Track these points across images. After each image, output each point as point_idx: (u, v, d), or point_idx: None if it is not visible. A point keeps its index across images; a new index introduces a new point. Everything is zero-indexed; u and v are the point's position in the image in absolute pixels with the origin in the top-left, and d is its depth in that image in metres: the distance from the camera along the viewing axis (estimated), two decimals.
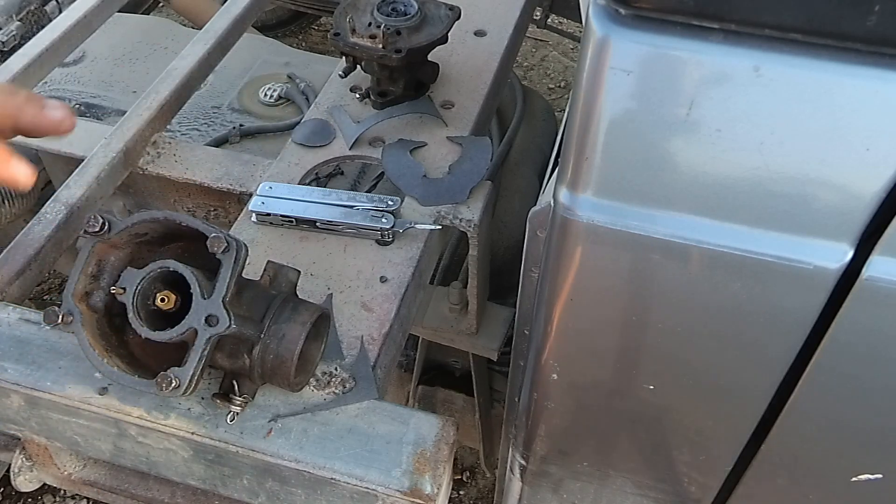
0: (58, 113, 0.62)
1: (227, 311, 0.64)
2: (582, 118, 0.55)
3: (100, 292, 0.68)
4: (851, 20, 0.45)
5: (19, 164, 0.62)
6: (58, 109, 0.63)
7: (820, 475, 0.78)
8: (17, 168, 0.62)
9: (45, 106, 0.62)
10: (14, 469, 0.91)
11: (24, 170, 0.62)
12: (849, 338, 0.60)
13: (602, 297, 0.68)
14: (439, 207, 0.93)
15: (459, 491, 1.94)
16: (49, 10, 1.48)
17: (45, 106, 0.62)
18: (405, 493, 0.69)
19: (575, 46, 2.94)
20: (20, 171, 0.62)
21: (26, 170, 0.62)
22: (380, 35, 0.97)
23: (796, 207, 0.54)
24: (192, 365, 0.64)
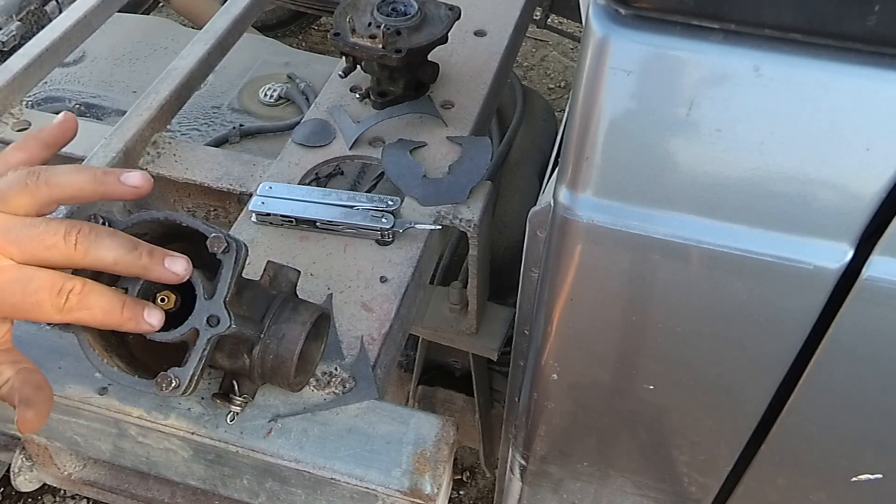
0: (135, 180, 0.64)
1: (228, 312, 0.64)
2: (582, 118, 0.55)
3: None
4: (851, 20, 0.45)
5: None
6: (134, 177, 0.64)
7: (820, 475, 0.78)
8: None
9: (120, 175, 0.64)
10: (14, 469, 0.91)
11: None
12: (849, 338, 0.60)
13: (602, 298, 0.68)
14: (439, 207, 0.93)
15: (459, 491, 1.94)
16: (49, 10, 1.48)
17: (120, 175, 0.64)
18: (405, 493, 0.69)
19: (575, 46, 2.94)
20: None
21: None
22: (380, 35, 0.97)
23: (796, 207, 0.54)
24: (192, 365, 0.64)
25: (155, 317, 0.62)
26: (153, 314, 0.62)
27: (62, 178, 0.61)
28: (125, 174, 0.64)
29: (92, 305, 0.60)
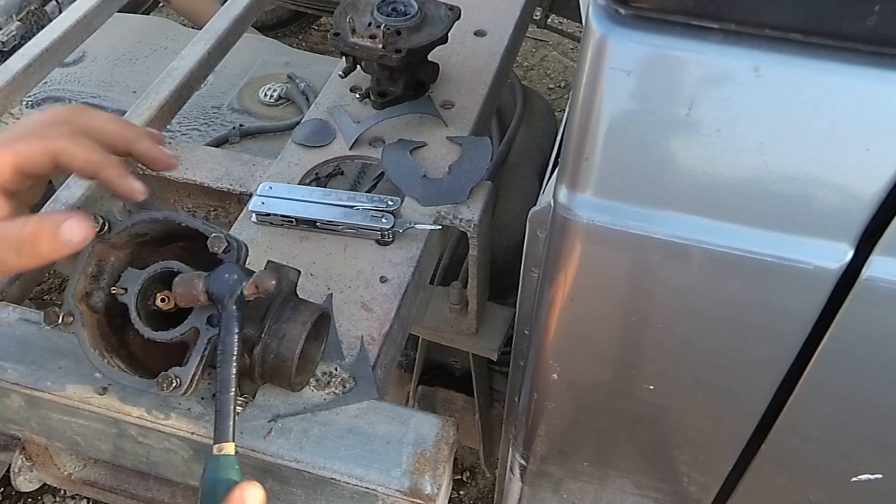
0: (167, 152, 0.73)
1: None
2: (582, 118, 0.55)
3: (100, 293, 0.68)
4: (851, 20, 0.45)
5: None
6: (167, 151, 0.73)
7: (820, 475, 0.78)
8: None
9: (158, 141, 0.72)
10: (14, 469, 0.92)
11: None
12: (849, 338, 0.60)
13: (602, 297, 0.68)
14: (439, 207, 0.93)
15: (459, 491, 1.94)
16: (49, 10, 1.48)
17: (158, 141, 0.72)
18: (405, 493, 0.69)
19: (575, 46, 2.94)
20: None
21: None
22: (380, 35, 0.97)
23: (796, 207, 0.54)
24: (192, 365, 0.64)
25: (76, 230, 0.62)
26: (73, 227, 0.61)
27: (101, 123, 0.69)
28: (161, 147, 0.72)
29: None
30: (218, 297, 0.63)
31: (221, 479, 0.60)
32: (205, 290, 0.63)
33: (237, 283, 0.64)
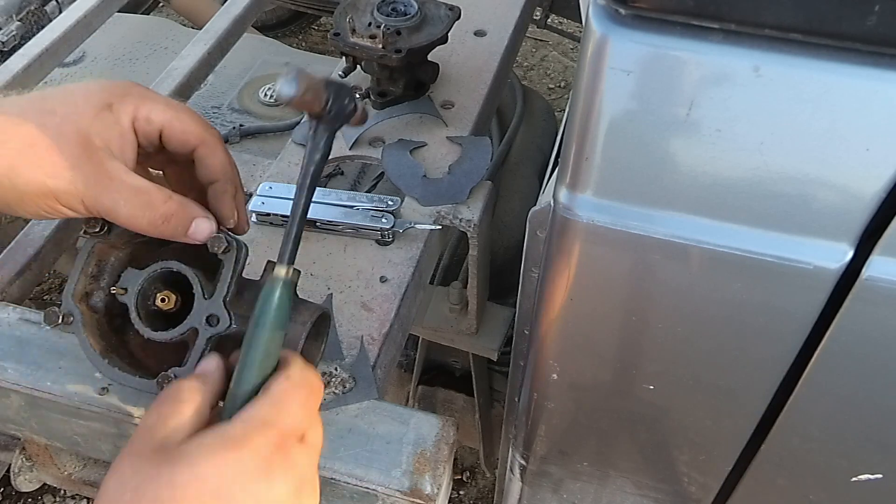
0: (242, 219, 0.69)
1: (228, 311, 0.64)
2: (582, 118, 0.55)
3: (100, 292, 0.68)
4: (851, 20, 0.45)
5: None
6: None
7: (820, 475, 0.78)
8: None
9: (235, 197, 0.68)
10: (14, 469, 0.92)
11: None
12: (849, 338, 0.60)
13: (602, 297, 0.68)
14: (439, 207, 0.93)
15: (459, 491, 1.94)
16: (49, 10, 1.48)
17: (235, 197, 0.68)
18: (405, 493, 0.69)
19: (575, 46, 2.94)
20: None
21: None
22: (380, 35, 0.97)
23: (796, 207, 0.54)
24: (192, 365, 0.64)
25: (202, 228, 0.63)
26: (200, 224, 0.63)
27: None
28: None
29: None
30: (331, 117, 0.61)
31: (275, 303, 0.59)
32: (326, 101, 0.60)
33: (351, 112, 0.62)
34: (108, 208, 0.60)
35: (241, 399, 0.56)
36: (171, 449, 0.51)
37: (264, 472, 0.51)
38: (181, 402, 0.54)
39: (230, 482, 0.50)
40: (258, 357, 0.57)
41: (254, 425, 0.52)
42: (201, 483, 0.49)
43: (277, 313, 0.59)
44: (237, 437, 0.51)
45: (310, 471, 0.55)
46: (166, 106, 0.64)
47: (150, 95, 0.64)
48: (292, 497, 0.53)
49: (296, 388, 0.55)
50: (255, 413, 0.53)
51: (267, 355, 0.58)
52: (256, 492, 0.50)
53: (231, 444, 0.51)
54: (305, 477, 0.54)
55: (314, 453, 0.56)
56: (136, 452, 0.52)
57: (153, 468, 0.50)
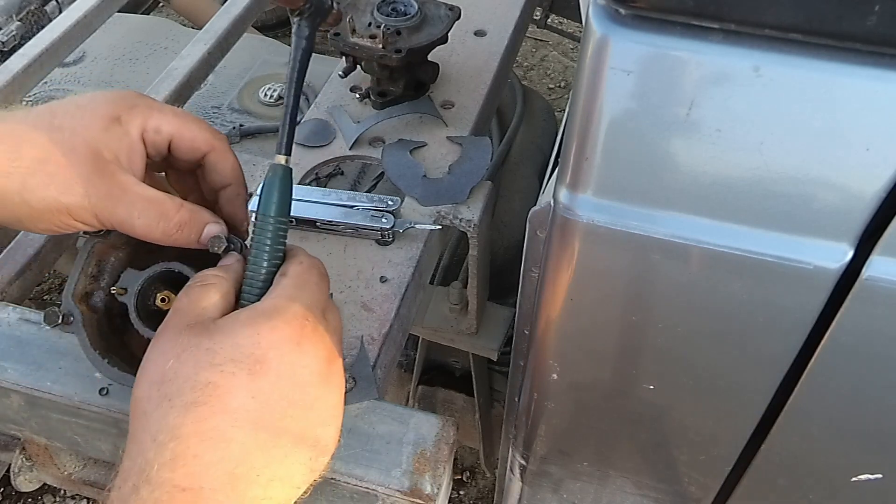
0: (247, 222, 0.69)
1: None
2: (582, 118, 0.55)
3: (100, 293, 0.68)
4: (851, 20, 0.45)
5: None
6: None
7: (820, 475, 0.78)
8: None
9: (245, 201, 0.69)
10: (14, 469, 0.91)
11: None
12: (848, 338, 0.60)
13: (602, 297, 0.68)
14: (439, 207, 0.93)
15: (459, 491, 1.94)
16: (49, 10, 1.49)
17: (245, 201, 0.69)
18: (405, 493, 0.69)
19: (575, 46, 2.94)
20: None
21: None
22: (380, 35, 0.97)
23: (796, 207, 0.54)
24: None
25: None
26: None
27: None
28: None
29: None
30: (313, 12, 0.66)
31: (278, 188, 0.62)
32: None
33: (328, 8, 0.67)
34: (122, 220, 0.62)
35: (258, 284, 0.59)
36: (208, 323, 0.55)
37: (296, 342, 0.54)
38: (208, 286, 0.58)
39: (266, 348, 0.53)
40: (268, 243, 0.60)
41: (283, 301, 0.56)
42: (239, 349, 0.52)
43: (281, 199, 0.62)
44: (268, 310, 0.55)
45: (335, 348, 0.58)
46: (174, 116, 0.65)
47: (158, 106, 0.65)
48: (323, 366, 0.55)
49: (310, 270, 0.59)
50: (281, 291, 0.57)
51: (276, 242, 0.61)
52: (291, 359, 0.53)
53: (264, 317, 0.54)
54: (332, 351, 0.57)
55: (336, 332, 0.59)
56: (174, 327, 0.55)
57: (193, 338, 0.53)
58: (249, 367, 0.52)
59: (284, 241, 0.62)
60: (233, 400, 0.51)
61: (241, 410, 0.51)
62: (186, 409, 0.51)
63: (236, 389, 0.51)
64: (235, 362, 0.52)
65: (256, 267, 0.60)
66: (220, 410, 0.51)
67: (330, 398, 0.56)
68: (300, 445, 0.54)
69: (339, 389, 0.58)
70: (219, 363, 0.52)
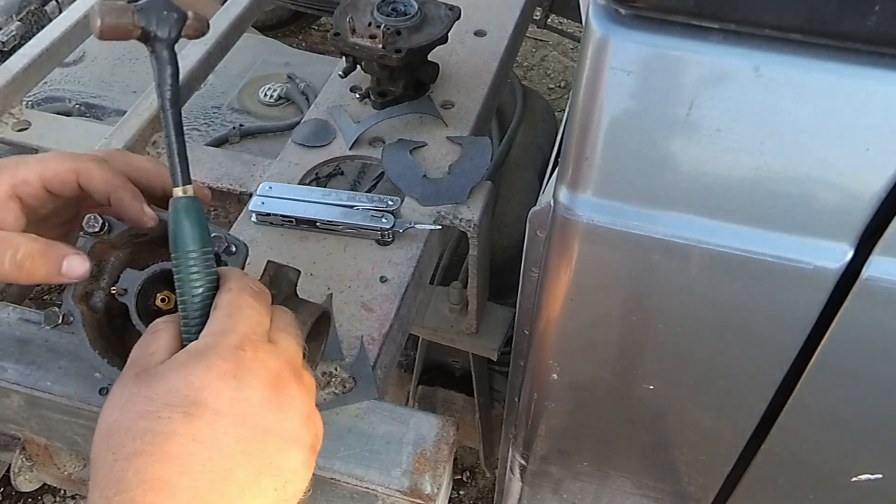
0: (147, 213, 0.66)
1: None
2: (582, 118, 0.55)
3: (100, 293, 0.68)
4: (851, 20, 0.45)
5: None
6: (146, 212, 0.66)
7: (820, 475, 0.78)
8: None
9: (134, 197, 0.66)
10: (14, 469, 0.92)
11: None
12: (849, 338, 0.60)
13: (602, 297, 0.68)
14: (439, 207, 0.93)
15: (459, 491, 1.94)
16: (49, 10, 1.49)
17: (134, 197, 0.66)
18: (405, 493, 0.69)
19: (575, 46, 2.94)
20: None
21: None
22: (380, 35, 0.97)
23: (796, 207, 0.54)
24: None
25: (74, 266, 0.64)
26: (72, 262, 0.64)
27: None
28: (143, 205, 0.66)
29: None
30: (158, 35, 0.59)
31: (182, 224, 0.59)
32: (140, 25, 0.58)
33: (178, 21, 0.60)
34: None
35: (194, 322, 0.58)
36: (150, 370, 0.54)
37: (232, 375, 0.53)
38: (157, 332, 0.58)
39: (200, 388, 0.52)
40: (193, 277, 0.58)
41: (215, 337, 0.55)
42: (174, 393, 0.52)
43: (193, 230, 0.58)
44: (201, 349, 0.54)
45: (285, 368, 0.56)
46: (37, 162, 0.66)
47: (24, 160, 0.66)
48: (268, 392, 0.54)
49: (240, 295, 0.58)
50: (213, 327, 0.56)
51: (202, 274, 0.58)
52: (228, 394, 0.53)
53: (196, 357, 0.54)
54: (281, 374, 0.55)
55: (285, 351, 0.57)
56: (123, 379, 0.56)
57: (135, 387, 0.53)
58: (184, 409, 0.51)
59: (212, 270, 0.59)
60: (172, 446, 0.50)
61: (183, 455, 0.50)
62: (128, 460, 0.50)
63: (174, 434, 0.51)
64: (171, 406, 0.51)
65: (187, 305, 0.58)
66: (161, 458, 0.50)
67: (286, 424, 0.55)
68: (259, 477, 0.53)
69: (297, 410, 0.56)
70: (155, 409, 0.51)
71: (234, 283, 0.59)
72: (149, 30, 0.58)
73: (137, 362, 0.56)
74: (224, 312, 0.57)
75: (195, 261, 0.58)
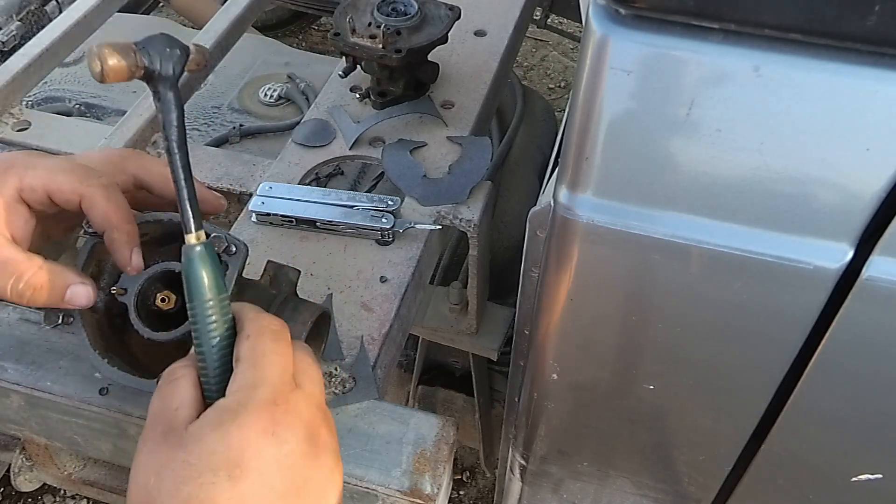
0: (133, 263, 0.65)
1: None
2: (582, 118, 0.55)
3: (100, 293, 0.68)
4: (851, 20, 0.45)
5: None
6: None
7: (820, 475, 0.78)
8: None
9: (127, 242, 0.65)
10: (14, 469, 0.92)
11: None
12: (849, 338, 0.60)
13: (602, 297, 0.68)
14: (439, 207, 0.93)
15: (459, 491, 1.94)
16: (49, 10, 1.49)
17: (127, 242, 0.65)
18: (405, 493, 0.69)
19: (575, 46, 2.94)
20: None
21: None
22: (380, 35, 0.97)
23: (796, 207, 0.54)
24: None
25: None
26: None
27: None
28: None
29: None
30: (162, 74, 0.56)
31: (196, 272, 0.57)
32: (143, 65, 0.55)
33: (181, 57, 0.57)
34: None
35: (216, 374, 0.56)
36: (180, 430, 0.53)
37: (269, 432, 0.53)
38: (176, 379, 0.57)
39: (240, 450, 0.51)
40: (211, 328, 0.57)
41: (244, 393, 0.54)
42: (214, 456, 0.51)
43: (206, 281, 0.57)
44: (233, 407, 0.53)
45: (316, 414, 0.56)
46: (45, 170, 0.64)
47: (34, 163, 0.65)
48: (304, 445, 0.54)
49: (261, 341, 0.56)
50: (240, 382, 0.55)
51: (220, 323, 0.57)
52: (269, 452, 0.52)
53: (230, 415, 0.53)
54: (313, 421, 0.55)
55: (312, 395, 0.57)
56: (151, 439, 0.54)
57: (169, 451, 0.52)
58: (228, 472, 0.51)
59: (229, 316, 0.58)
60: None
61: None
62: None
63: (220, 499, 0.50)
64: (213, 471, 0.51)
65: (206, 355, 0.56)
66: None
67: (322, 471, 0.55)
68: None
69: (330, 453, 0.56)
70: (196, 476, 0.51)
71: (252, 327, 0.57)
72: (152, 69, 0.56)
73: (162, 419, 0.55)
74: (249, 363, 0.55)
75: (213, 309, 0.57)
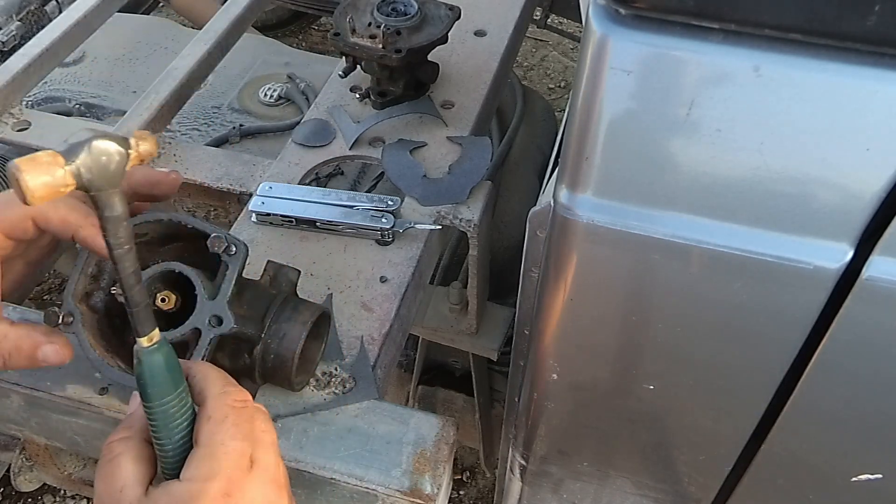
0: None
1: (231, 312, 0.64)
2: (582, 118, 0.55)
3: (100, 293, 0.68)
4: (851, 20, 0.45)
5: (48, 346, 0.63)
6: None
7: (820, 475, 0.78)
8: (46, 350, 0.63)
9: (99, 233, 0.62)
10: (14, 469, 0.92)
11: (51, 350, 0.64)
12: (849, 338, 0.60)
13: (602, 297, 0.68)
14: (439, 207, 0.93)
15: (459, 491, 1.94)
16: (49, 10, 1.48)
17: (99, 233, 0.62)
18: (405, 493, 0.69)
19: (575, 46, 2.94)
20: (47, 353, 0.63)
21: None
22: (380, 35, 0.97)
23: (796, 207, 0.54)
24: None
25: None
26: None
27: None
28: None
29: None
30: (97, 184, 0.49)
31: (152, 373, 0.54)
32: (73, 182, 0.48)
33: (119, 161, 0.49)
34: None
35: (171, 455, 0.55)
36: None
37: None
38: (115, 457, 0.56)
39: None
40: (166, 426, 0.55)
41: (198, 484, 0.53)
42: None
43: (162, 382, 0.55)
44: (184, 496, 0.52)
45: (270, 492, 0.55)
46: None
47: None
48: None
49: (221, 425, 0.55)
50: (195, 471, 0.54)
51: (179, 419, 0.56)
52: None
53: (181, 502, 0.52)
54: (267, 500, 0.55)
55: (267, 469, 0.56)
56: None
57: None
58: None
59: (189, 406, 0.56)
60: None
61: None
62: None
63: None
64: None
65: (166, 443, 0.55)
66: None
67: None
68: None
69: None
70: None
71: (214, 408, 0.56)
72: (85, 179, 0.48)
73: (107, 500, 0.54)
74: (206, 451, 0.54)
75: (175, 407, 0.55)
